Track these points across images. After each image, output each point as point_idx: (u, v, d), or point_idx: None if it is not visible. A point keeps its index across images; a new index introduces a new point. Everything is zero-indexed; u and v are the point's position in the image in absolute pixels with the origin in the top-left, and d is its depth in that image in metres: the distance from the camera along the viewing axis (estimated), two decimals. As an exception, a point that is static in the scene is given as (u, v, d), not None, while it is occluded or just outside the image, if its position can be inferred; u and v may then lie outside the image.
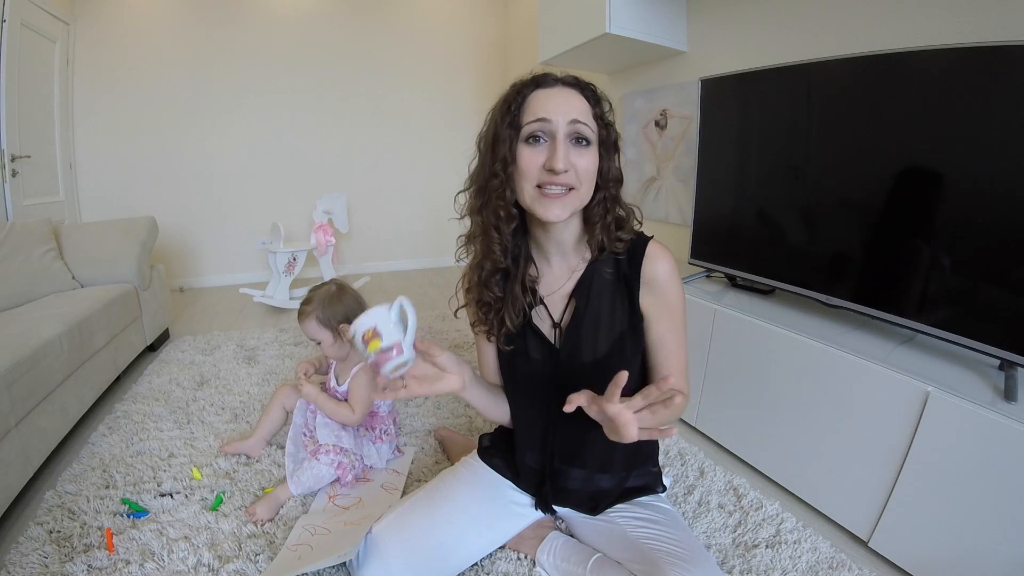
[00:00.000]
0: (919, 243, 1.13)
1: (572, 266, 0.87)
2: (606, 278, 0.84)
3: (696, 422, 1.59)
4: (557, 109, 0.74)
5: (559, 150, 0.73)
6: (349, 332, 0.74)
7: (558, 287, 0.88)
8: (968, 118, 1.02)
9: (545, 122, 0.74)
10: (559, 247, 0.86)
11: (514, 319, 0.86)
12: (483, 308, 0.89)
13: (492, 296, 0.86)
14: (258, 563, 1.04)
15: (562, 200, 0.75)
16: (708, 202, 1.72)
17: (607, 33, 1.91)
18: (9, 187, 2.41)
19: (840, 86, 1.27)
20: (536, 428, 0.94)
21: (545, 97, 0.76)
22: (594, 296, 0.85)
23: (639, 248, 0.83)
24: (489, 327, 0.89)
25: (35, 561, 1.03)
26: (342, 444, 1.29)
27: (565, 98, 0.76)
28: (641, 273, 0.82)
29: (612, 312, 0.84)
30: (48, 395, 1.37)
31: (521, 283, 0.85)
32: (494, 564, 1.03)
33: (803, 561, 1.06)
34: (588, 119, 0.76)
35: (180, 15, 3.25)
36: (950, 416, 0.95)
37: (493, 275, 0.86)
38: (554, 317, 0.88)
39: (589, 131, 0.75)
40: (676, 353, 0.86)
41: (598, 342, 0.85)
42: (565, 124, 0.74)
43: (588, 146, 0.76)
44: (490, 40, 4.00)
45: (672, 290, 0.83)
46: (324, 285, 1.39)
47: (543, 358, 0.89)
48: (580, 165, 0.75)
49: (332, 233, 3.16)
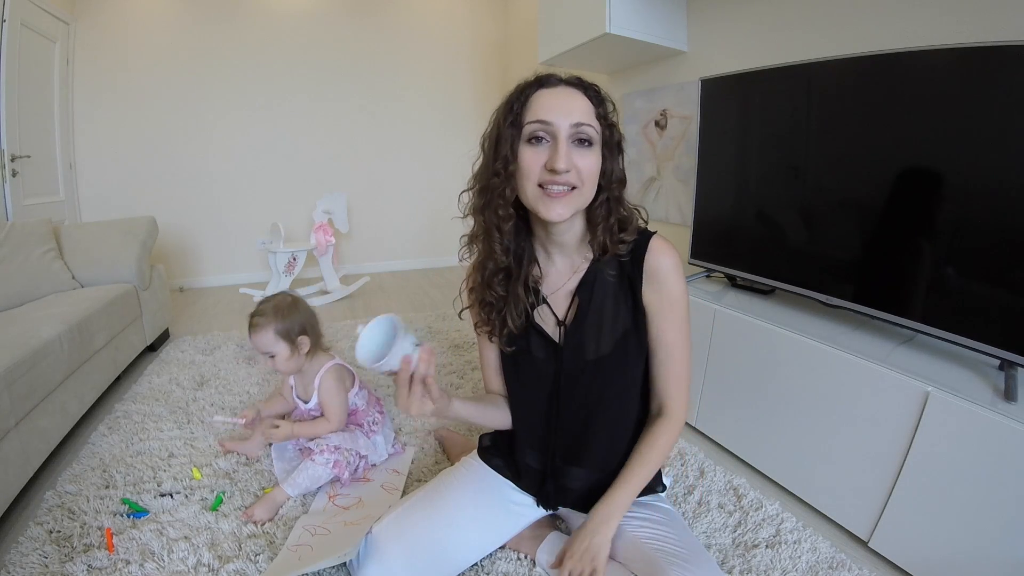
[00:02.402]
0: (919, 243, 1.13)
1: (575, 264, 0.87)
2: (609, 275, 0.84)
3: (696, 422, 1.59)
4: (560, 111, 0.74)
5: (561, 150, 0.73)
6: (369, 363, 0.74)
7: (561, 285, 0.88)
8: (968, 118, 1.02)
9: (547, 124, 0.74)
10: (561, 247, 0.86)
11: (516, 319, 0.85)
12: (485, 308, 0.89)
13: (494, 296, 0.86)
14: (258, 563, 1.04)
15: (565, 199, 0.75)
16: (708, 202, 1.72)
17: (607, 33, 1.91)
18: (9, 187, 2.41)
19: (840, 86, 1.27)
20: (538, 427, 0.94)
21: (548, 97, 0.75)
22: (597, 293, 0.85)
23: (642, 243, 0.83)
24: (491, 328, 0.89)
25: (35, 561, 1.03)
26: (333, 443, 1.28)
27: (568, 99, 0.75)
28: (644, 267, 0.82)
29: (615, 309, 0.84)
30: (48, 395, 1.37)
31: (524, 283, 0.85)
32: (494, 564, 1.03)
33: (803, 561, 1.06)
34: (591, 120, 0.76)
35: (180, 15, 3.25)
36: (950, 416, 0.95)
37: (496, 275, 0.86)
38: (558, 315, 0.88)
39: (592, 132, 0.75)
40: (677, 352, 0.86)
41: (601, 339, 0.85)
42: (568, 126, 0.74)
43: (591, 147, 0.76)
44: (490, 40, 3.99)
45: (674, 284, 0.83)
46: (276, 296, 1.35)
47: (546, 356, 0.89)
48: (582, 165, 0.75)
49: (332, 233, 3.16)
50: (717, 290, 1.68)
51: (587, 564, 0.81)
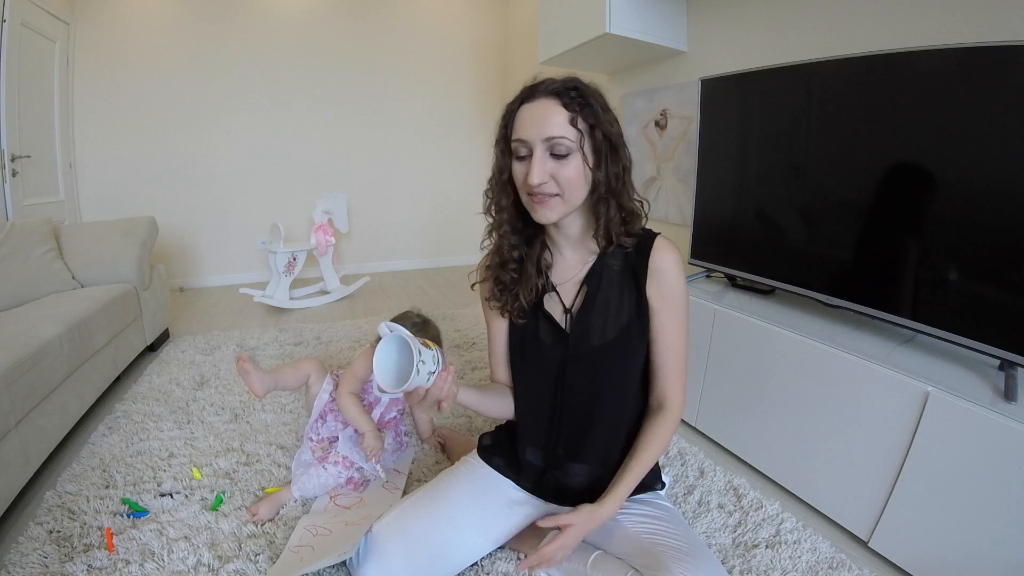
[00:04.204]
0: (919, 243, 1.13)
1: (584, 257, 0.92)
2: (615, 268, 0.89)
3: (696, 422, 1.59)
4: (532, 128, 0.79)
5: (535, 167, 0.79)
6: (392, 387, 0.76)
7: (571, 276, 0.93)
8: (968, 118, 1.02)
9: (524, 142, 0.80)
10: (568, 239, 0.92)
11: (527, 297, 0.92)
12: (499, 286, 0.95)
13: (508, 277, 0.93)
14: (258, 563, 1.04)
15: (548, 205, 0.82)
16: (708, 202, 1.72)
17: (607, 33, 1.91)
18: (9, 187, 2.41)
19: (840, 86, 1.27)
20: (542, 416, 0.96)
21: (526, 113, 0.80)
22: (604, 283, 0.90)
23: (647, 241, 0.88)
24: (503, 303, 0.95)
25: (35, 561, 1.03)
26: (356, 460, 1.26)
27: (542, 114, 0.79)
28: (648, 263, 0.87)
29: (620, 299, 0.89)
30: (48, 395, 1.37)
31: (536, 266, 0.92)
32: (494, 564, 1.03)
33: (803, 561, 1.06)
34: (564, 131, 0.78)
35: (180, 15, 3.25)
36: (950, 416, 0.95)
37: (508, 262, 0.93)
38: (565, 303, 0.92)
39: (567, 143, 0.78)
40: (675, 345, 0.89)
41: (607, 327, 0.89)
42: (540, 142, 0.79)
43: (567, 157, 0.79)
44: (490, 40, 3.99)
45: (675, 281, 0.87)
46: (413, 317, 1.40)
47: (553, 342, 0.92)
48: (561, 175, 0.79)
49: (332, 233, 3.15)
50: (717, 290, 1.68)
51: (573, 543, 0.83)
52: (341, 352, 2.22)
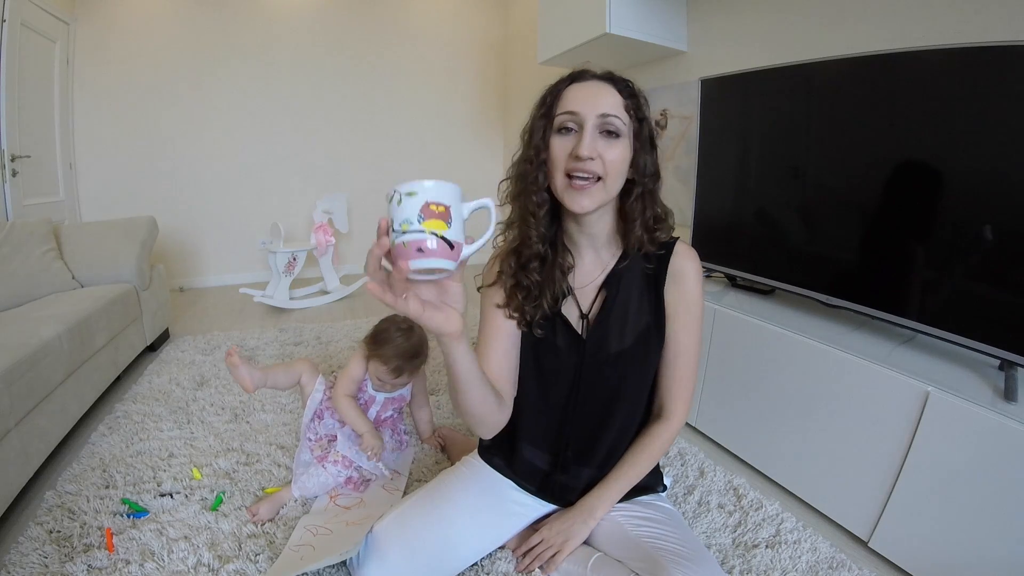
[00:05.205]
0: (919, 243, 1.13)
1: (604, 261, 0.89)
2: (635, 272, 0.87)
3: (696, 422, 1.59)
4: (587, 102, 0.76)
5: (586, 138, 0.75)
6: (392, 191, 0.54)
7: (589, 281, 0.90)
8: (968, 118, 1.02)
9: (574, 115, 0.77)
10: (591, 241, 0.88)
11: (550, 303, 0.86)
12: (521, 292, 0.87)
13: (531, 280, 0.86)
14: (258, 563, 1.04)
15: (589, 191, 0.77)
16: (708, 202, 1.72)
17: (607, 33, 1.91)
18: (9, 187, 2.41)
19: (840, 86, 1.27)
20: (552, 422, 0.94)
21: (577, 90, 0.78)
22: (623, 288, 0.87)
23: (668, 245, 0.87)
24: (521, 313, 0.87)
25: (35, 561, 1.03)
26: (355, 460, 1.26)
27: (596, 91, 0.78)
28: (669, 266, 0.86)
29: (639, 305, 0.87)
30: (48, 395, 1.37)
31: (560, 268, 0.87)
32: (494, 564, 1.03)
33: (803, 561, 1.06)
34: (619, 112, 0.77)
35: (180, 15, 3.24)
36: (950, 416, 0.95)
37: (531, 260, 0.86)
38: (582, 308, 0.89)
39: (619, 123, 0.77)
40: (686, 353, 0.88)
41: (625, 333, 0.87)
42: (594, 116, 0.76)
43: (618, 138, 0.77)
44: (490, 40, 3.99)
45: (694, 287, 0.86)
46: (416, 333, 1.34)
47: (568, 348, 0.89)
48: (608, 156, 0.76)
49: (332, 233, 3.16)
50: (717, 290, 1.68)
51: (558, 542, 0.82)
52: (341, 352, 2.22)
